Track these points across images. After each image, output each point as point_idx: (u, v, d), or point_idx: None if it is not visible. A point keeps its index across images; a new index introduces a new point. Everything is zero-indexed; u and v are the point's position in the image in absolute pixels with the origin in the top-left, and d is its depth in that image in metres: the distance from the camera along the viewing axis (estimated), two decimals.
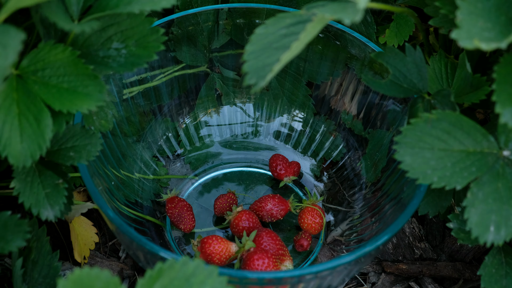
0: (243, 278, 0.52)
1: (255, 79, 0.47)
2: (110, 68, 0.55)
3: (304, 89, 0.81)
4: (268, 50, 0.48)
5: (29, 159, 0.51)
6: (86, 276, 0.40)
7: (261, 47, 0.48)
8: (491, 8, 0.47)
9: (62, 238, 0.76)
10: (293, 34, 0.47)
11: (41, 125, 0.51)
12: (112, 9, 0.53)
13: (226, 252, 0.66)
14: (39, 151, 0.51)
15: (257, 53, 0.48)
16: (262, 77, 0.47)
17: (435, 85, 0.64)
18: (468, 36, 0.45)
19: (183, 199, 0.75)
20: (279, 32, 0.48)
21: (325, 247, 0.74)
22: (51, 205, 0.57)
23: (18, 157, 0.51)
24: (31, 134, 0.51)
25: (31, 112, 0.51)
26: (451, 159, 0.53)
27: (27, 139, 0.51)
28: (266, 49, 0.48)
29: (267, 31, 0.49)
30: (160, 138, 0.81)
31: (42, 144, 0.51)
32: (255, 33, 0.49)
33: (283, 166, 0.79)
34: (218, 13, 0.77)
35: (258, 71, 0.47)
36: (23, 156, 0.51)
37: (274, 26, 0.49)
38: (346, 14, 0.47)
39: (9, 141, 0.50)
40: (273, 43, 0.48)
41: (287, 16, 0.50)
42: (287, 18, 0.49)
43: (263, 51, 0.48)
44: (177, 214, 0.73)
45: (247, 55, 0.48)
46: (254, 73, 0.47)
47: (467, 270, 0.73)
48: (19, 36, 0.44)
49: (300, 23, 0.48)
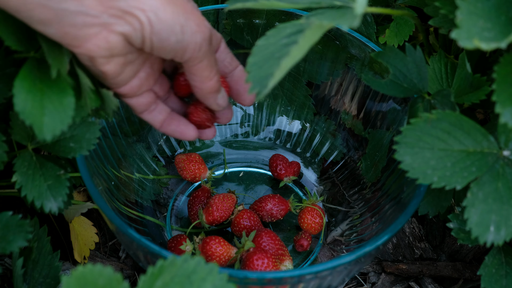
0: (243, 278, 0.52)
1: (258, 88, 0.48)
2: None
3: (304, 89, 0.81)
4: (270, 60, 0.49)
5: (51, 133, 0.51)
6: (89, 273, 0.40)
7: (263, 58, 0.49)
8: (491, 8, 0.47)
9: (62, 238, 0.76)
10: (293, 43, 0.48)
11: (64, 102, 0.51)
12: None
13: (226, 255, 0.66)
14: (61, 125, 0.51)
15: (259, 64, 0.49)
16: (265, 86, 0.48)
17: (435, 85, 0.64)
18: (468, 36, 0.45)
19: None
20: (280, 42, 0.49)
21: (325, 247, 0.74)
22: (54, 197, 0.57)
23: (41, 127, 0.50)
24: (53, 110, 0.51)
25: (53, 91, 0.52)
26: (451, 159, 0.53)
27: (50, 114, 0.51)
28: (268, 59, 0.49)
29: (268, 42, 0.50)
30: (160, 138, 0.81)
31: (65, 119, 0.51)
32: (256, 45, 0.50)
33: (283, 166, 0.79)
34: (218, 13, 0.77)
35: (261, 80, 0.48)
36: (46, 128, 0.50)
37: (274, 36, 0.50)
38: (344, 20, 0.47)
39: (33, 111, 0.50)
40: (274, 53, 0.49)
41: (287, 26, 0.50)
42: (287, 28, 0.50)
43: (265, 61, 0.49)
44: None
45: (250, 66, 0.49)
46: (257, 83, 0.49)
47: (467, 270, 0.74)
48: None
49: (300, 32, 0.49)
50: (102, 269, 0.40)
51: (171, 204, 0.78)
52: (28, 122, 0.49)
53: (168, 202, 0.78)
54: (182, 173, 0.78)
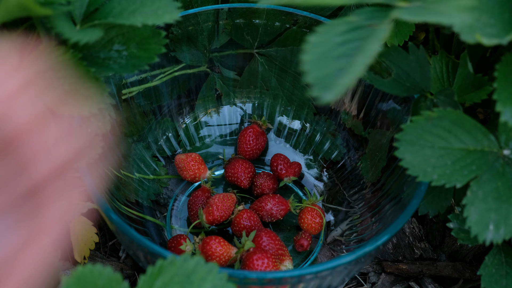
0: (243, 278, 0.52)
1: (323, 92, 0.42)
2: (111, 70, 0.55)
3: (304, 89, 0.81)
4: (341, 59, 0.43)
5: None
6: (89, 273, 0.40)
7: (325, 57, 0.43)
8: (495, 4, 0.47)
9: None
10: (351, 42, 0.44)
11: None
12: (115, 17, 0.53)
13: (226, 255, 0.66)
14: None
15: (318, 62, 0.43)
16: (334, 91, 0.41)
17: (436, 84, 0.64)
18: (470, 31, 0.45)
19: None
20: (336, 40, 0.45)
21: (325, 247, 0.74)
22: None
23: None
24: None
25: None
26: (451, 157, 0.53)
27: None
28: (335, 59, 0.43)
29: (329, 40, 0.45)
30: (160, 138, 0.81)
31: None
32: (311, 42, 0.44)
33: (283, 165, 0.79)
34: (218, 13, 0.77)
35: (323, 81, 0.42)
36: None
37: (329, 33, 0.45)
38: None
39: None
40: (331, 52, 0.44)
41: (339, 23, 0.46)
42: (340, 26, 0.46)
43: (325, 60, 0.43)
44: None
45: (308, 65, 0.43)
46: (320, 85, 0.42)
47: (467, 270, 0.73)
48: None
49: (359, 28, 0.45)
50: (102, 269, 0.40)
51: (171, 204, 0.78)
52: None
53: (168, 202, 0.78)
54: (182, 173, 0.78)
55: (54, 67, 0.51)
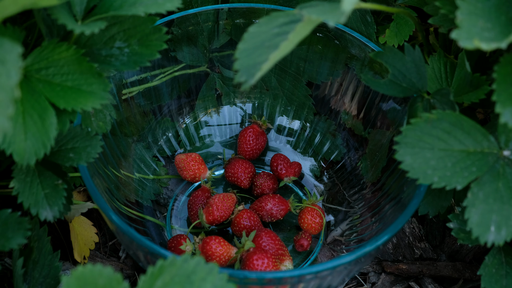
0: (243, 278, 0.52)
1: (245, 77, 0.48)
2: (113, 67, 0.55)
3: (304, 89, 0.81)
4: (260, 49, 0.48)
5: (34, 157, 0.51)
6: (89, 273, 0.40)
7: (253, 45, 0.49)
8: (491, 8, 0.47)
9: (62, 238, 0.76)
10: (284, 33, 0.48)
11: (45, 124, 0.51)
12: (116, 10, 0.53)
13: (226, 255, 0.66)
14: (44, 149, 0.51)
15: (248, 51, 0.48)
16: (252, 75, 0.47)
17: (435, 84, 0.64)
18: (468, 36, 0.45)
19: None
20: (272, 31, 0.49)
21: (325, 247, 0.74)
22: (50, 206, 0.57)
23: (22, 154, 0.50)
24: (35, 133, 0.51)
25: (35, 110, 0.51)
26: (451, 159, 0.53)
27: (32, 137, 0.51)
28: (258, 48, 0.48)
29: (260, 29, 0.49)
30: (160, 138, 0.81)
31: (47, 143, 0.51)
32: (248, 31, 0.49)
33: (284, 166, 0.79)
34: (218, 13, 0.77)
35: (248, 69, 0.48)
36: (28, 153, 0.51)
37: (267, 25, 0.50)
38: (332, 15, 0.47)
39: (14, 138, 0.50)
40: (265, 41, 0.48)
41: (280, 15, 0.50)
42: (280, 17, 0.50)
43: (255, 49, 0.48)
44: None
45: (239, 53, 0.49)
46: (245, 71, 0.48)
47: (467, 270, 0.73)
48: (16, 49, 0.43)
49: (292, 22, 0.49)
50: (102, 269, 0.40)
51: (171, 204, 0.78)
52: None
53: (168, 202, 0.78)
54: (182, 173, 0.78)
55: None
